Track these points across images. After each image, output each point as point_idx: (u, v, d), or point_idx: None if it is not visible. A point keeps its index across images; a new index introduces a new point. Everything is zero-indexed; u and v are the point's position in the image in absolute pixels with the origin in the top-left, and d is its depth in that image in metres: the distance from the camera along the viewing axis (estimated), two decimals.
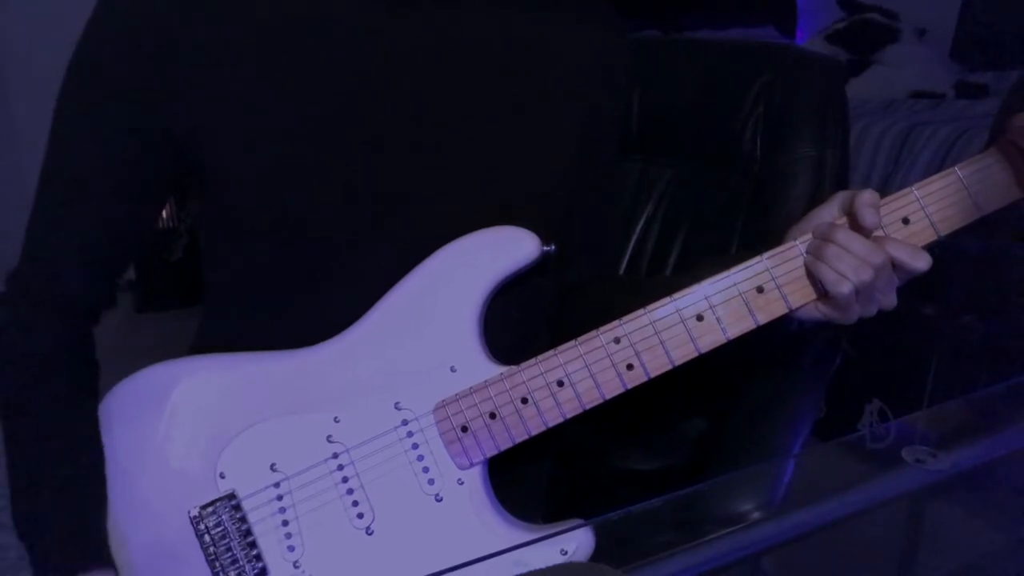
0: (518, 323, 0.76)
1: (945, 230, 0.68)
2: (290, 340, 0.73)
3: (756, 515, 0.79)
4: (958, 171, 0.67)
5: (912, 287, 0.68)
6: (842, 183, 0.99)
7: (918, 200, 0.67)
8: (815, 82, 1.02)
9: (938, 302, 1.91)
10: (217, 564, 0.72)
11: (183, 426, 0.74)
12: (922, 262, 0.65)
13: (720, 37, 2.86)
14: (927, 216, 0.67)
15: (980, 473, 0.83)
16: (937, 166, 2.10)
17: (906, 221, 0.68)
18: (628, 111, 1.16)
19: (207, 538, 0.72)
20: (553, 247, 0.73)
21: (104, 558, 0.72)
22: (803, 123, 1.00)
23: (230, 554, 0.72)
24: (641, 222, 1.15)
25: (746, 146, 1.04)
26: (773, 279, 0.68)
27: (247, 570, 0.72)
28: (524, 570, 0.68)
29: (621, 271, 1.14)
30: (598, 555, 0.70)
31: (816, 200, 0.95)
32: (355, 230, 0.72)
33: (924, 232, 0.68)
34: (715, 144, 1.08)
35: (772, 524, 0.77)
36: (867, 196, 0.64)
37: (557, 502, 0.93)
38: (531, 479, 0.88)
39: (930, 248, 0.66)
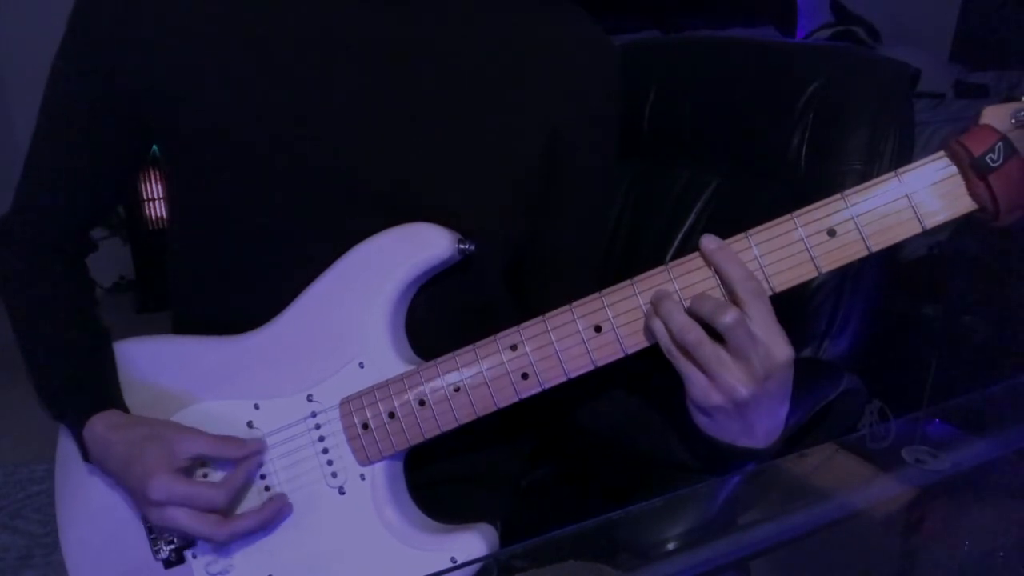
0: (449, 323, 0.76)
1: (878, 245, 0.60)
2: (227, 326, 0.77)
3: (755, 515, 0.79)
4: (899, 176, 0.60)
5: (912, 287, 0.66)
6: None
7: (848, 208, 0.60)
8: (871, 91, 0.95)
9: (938, 302, 1.91)
10: (152, 534, 0.77)
11: None
12: (727, 317, 0.59)
13: (769, 38, 2.86)
14: (857, 228, 0.60)
15: (980, 473, 0.83)
16: None
17: (832, 233, 0.60)
18: (679, 116, 1.11)
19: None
20: (472, 246, 0.72)
21: (113, 402, 0.77)
22: (853, 134, 0.93)
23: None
24: (680, 233, 1.10)
25: (791, 155, 0.98)
26: (676, 291, 0.64)
27: (177, 541, 0.76)
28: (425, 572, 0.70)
29: None
30: (598, 554, 0.70)
31: None
32: (291, 222, 0.74)
33: (853, 246, 0.60)
34: (760, 151, 1.03)
35: (772, 524, 0.77)
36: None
37: (525, 507, 0.93)
38: (493, 480, 0.88)
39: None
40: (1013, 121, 0.57)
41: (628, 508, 0.72)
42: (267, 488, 0.75)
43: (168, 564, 0.77)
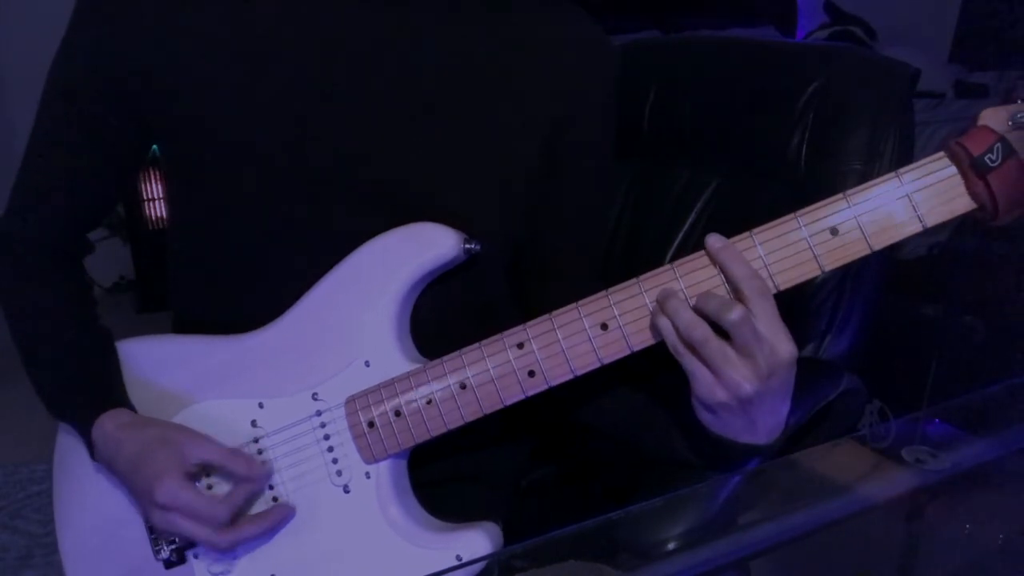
0: (450, 322, 0.76)
1: (880, 243, 0.61)
2: (227, 326, 0.76)
3: (756, 515, 0.79)
4: (899, 176, 0.61)
5: (912, 287, 0.66)
6: None
7: (850, 207, 0.61)
8: (871, 91, 0.95)
9: (938, 302, 1.91)
10: (153, 534, 0.77)
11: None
12: (733, 314, 0.60)
13: (772, 38, 2.86)
14: (859, 226, 0.61)
15: (980, 473, 0.83)
16: None
17: (834, 232, 0.62)
18: (679, 116, 1.12)
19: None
20: (477, 245, 0.72)
21: (121, 401, 0.77)
22: (853, 134, 0.94)
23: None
24: (680, 233, 1.10)
25: (791, 155, 0.98)
26: (682, 289, 0.64)
27: (179, 541, 0.76)
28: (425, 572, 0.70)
29: None
30: (598, 554, 0.70)
31: None
32: (291, 222, 0.74)
33: (855, 245, 0.62)
34: (760, 151, 1.03)
35: (772, 524, 0.77)
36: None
37: (525, 507, 0.93)
38: (494, 480, 0.88)
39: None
40: (1011, 123, 0.59)
41: (628, 508, 0.72)
42: (270, 487, 0.75)
43: (169, 564, 0.77)
